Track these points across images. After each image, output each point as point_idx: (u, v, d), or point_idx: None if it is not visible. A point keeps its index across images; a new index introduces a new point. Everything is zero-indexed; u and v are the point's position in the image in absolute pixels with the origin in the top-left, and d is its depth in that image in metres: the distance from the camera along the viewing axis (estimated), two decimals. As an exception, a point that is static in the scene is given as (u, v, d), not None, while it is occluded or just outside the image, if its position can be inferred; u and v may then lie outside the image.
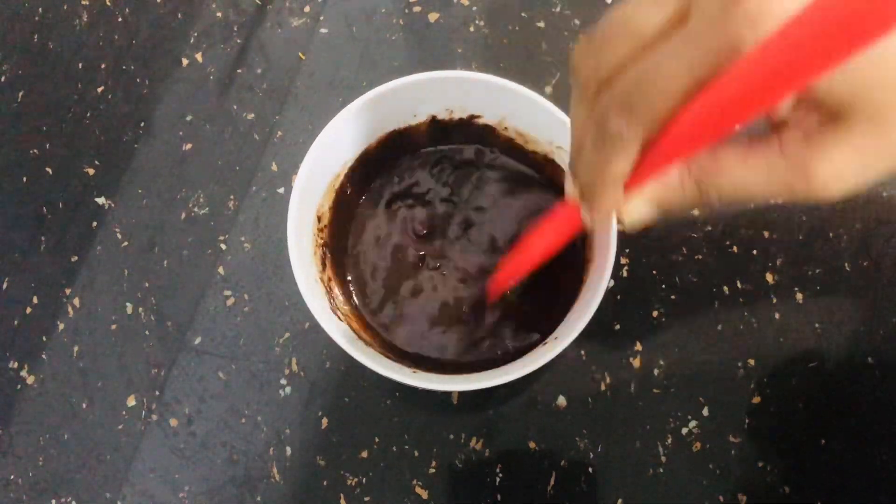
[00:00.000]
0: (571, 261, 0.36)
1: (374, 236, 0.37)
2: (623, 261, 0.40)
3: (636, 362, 0.38)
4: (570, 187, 0.25)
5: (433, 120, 0.36)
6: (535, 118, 0.33)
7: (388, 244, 0.37)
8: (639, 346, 0.38)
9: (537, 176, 0.38)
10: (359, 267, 0.37)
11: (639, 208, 0.23)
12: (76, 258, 0.42)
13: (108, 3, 0.47)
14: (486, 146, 0.38)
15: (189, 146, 0.43)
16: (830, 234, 0.40)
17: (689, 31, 0.18)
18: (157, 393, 0.39)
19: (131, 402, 0.39)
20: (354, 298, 0.37)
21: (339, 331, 0.30)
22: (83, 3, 0.47)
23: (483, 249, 0.37)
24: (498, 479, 0.37)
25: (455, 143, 0.38)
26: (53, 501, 0.38)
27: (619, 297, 0.39)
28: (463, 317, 0.36)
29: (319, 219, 0.35)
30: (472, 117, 0.36)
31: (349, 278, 0.37)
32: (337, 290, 0.36)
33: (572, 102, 0.22)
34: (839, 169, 0.19)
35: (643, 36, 0.19)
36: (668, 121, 0.19)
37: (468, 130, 0.37)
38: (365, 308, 0.36)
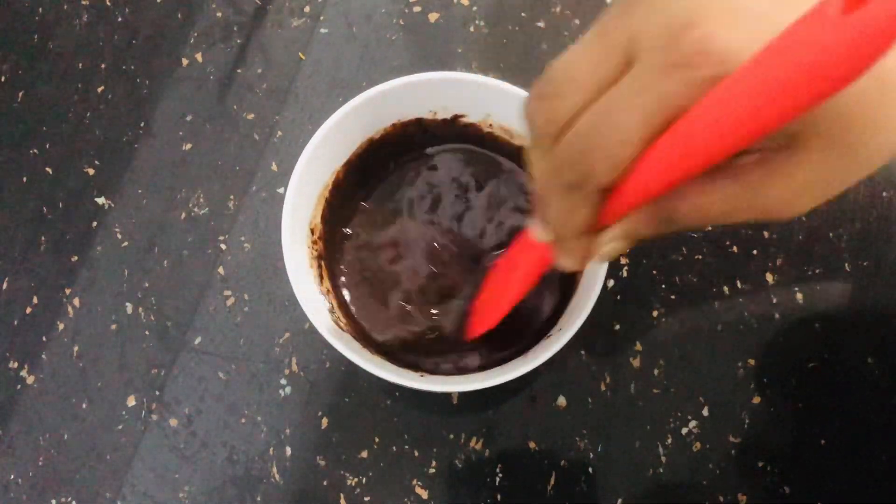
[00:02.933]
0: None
1: (366, 245, 0.37)
2: (623, 261, 0.40)
3: (636, 362, 0.38)
4: (538, 231, 0.25)
5: (418, 123, 0.36)
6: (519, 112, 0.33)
7: (379, 252, 0.37)
8: (639, 346, 0.38)
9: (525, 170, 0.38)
10: (354, 277, 0.37)
11: (611, 244, 0.23)
12: (76, 258, 0.42)
13: (108, 3, 0.47)
14: (471, 144, 0.38)
15: (189, 146, 0.43)
16: (830, 234, 0.40)
17: (635, 78, 0.18)
18: (157, 393, 0.39)
19: (131, 402, 0.39)
20: (353, 308, 0.36)
21: (343, 342, 0.30)
22: (83, 3, 0.47)
23: (476, 248, 0.37)
24: (498, 479, 0.37)
25: (440, 143, 0.38)
26: (53, 501, 0.38)
27: (618, 297, 0.39)
28: (461, 319, 0.36)
29: (313, 231, 0.35)
30: (457, 117, 0.36)
31: (346, 288, 0.37)
32: (337, 301, 0.35)
33: (530, 154, 0.22)
34: (798, 188, 0.19)
35: (591, 84, 0.19)
36: (628, 166, 0.19)
37: (453, 130, 0.37)
38: (365, 317, 0.36)
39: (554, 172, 0.21)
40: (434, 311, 0.36)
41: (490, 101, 0.34)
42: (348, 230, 0.37)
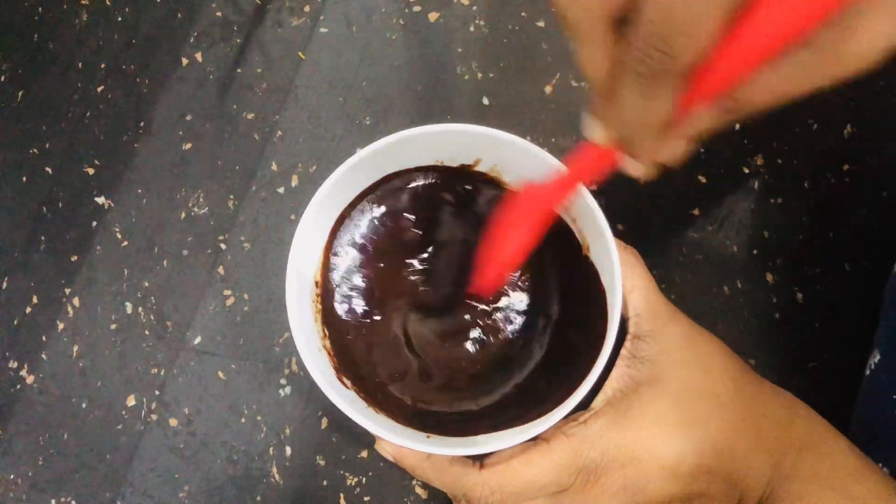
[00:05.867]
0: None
1: (366, 298, 0.36)
2: (623, 261, 0.40)
3: (636, 362, 0.38)
4: (595, 132, 0.24)
5: (421, 172, 0.35)
6: (528, 165, 0.32)
7: (379, 303, 0.35)
8: (639, 346, 0.38)
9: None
10: (357, 331, 0.35)
11: (678, 147, 0.22)
12: (76, 258, 0.42)
13: (108, 3, 0.46)
14: (474, 193, 0.36)
15: (189, 146, 0.43)
16: (830, 234, 0.40)
17: None
18: (157, 393, 0.39)
19: (131, 402, 0.39)
20: (356, 362, 0.35)
21: (346, 400, 0.29)
22: (83, 2, 0.47)
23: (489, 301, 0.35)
24: (498, 479, 0.37)
25: (443, 191, 0.37)
26: (53, 501, 0.38)
27: (619, 297, 0.39)
28: (469, 366, 0.35)
29: (317, 284, 0.34)
30: (464, 166, 0.35)
31: (347, 342, 0.35)
32: (339, 356, 0.34)
33: (580, 48, 0.21)
34: (876, 35, 0.18)
35: None
36: (708, 52, 0.18)
37: (458, 179, 0.35)
38: (368, 372, 0.35)
39: (632, 60, 0.19)
40: (437, 363, 0.35)
41: (496, 151, 0.33)
42: (351, 281, 0.36)
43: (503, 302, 0.35)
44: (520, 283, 0.36)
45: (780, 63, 0.19)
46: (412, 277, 0.36)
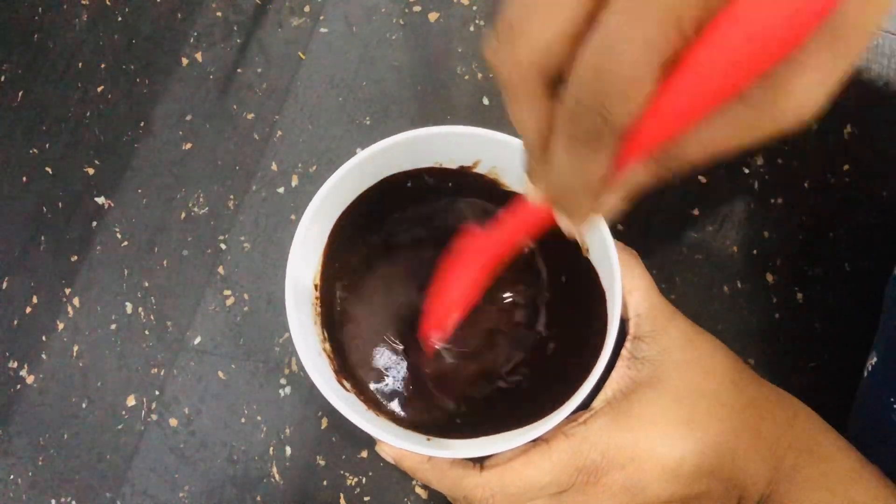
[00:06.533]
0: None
1: (365, 301, 0.36)
2: (623, 261, 0.40)
3: (636, 362, 0.38)
4: (532, 190, 0.24)
5: (420, 174, 0.35)
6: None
7: (378, 309, 0.35)
8: (639, 346, 0.38)
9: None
10: (356, 334, 0.35)
11: (611, 202, 0.22)
12: (76, 258, 0.42)
13: (108, 3, 0.46)
14: (473, 196, 0.36)
15: (189, 146, 0.43)
16: (830, 234, 0.40)
17: (626, 5, 0.16)
18: (157, 393, 0.39)
19: (131, 401, 0.39)
20: (356, 365, 0.35)
21: (346, 403, 0.29)
22: (83, 2, 0.47)
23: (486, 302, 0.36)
24: (498, 479, 0.37)
25: (441, 196, 0.36)
26: (53, 501, 0.38)
27: (619, 297, 0.39)
28: (470, 368, 0.35)
29: (316, 287, 0.34)
30: (463, 168, 0.34)
31: (346, 345, 0.35)
32: (339, 360, 0.34)
33: (511, 105, 0.20)
34: (810, 87, 0.18)
35: (565, 18, 0.17)
36: (642, 108, 0.17)
37: (455, 182, 0.35)
38: (368, 375, 0.35)
39: (564, 122, 0.18)
40: (440, 369, 0.35)
41: (495, 152, 0.33)
42: (344, 288, 0.36)
43: (504, 304, 0.35)
44: (520, 286, 0.36)
45: (714, 120, 0.19)
46: (412, 281, 0.36)
